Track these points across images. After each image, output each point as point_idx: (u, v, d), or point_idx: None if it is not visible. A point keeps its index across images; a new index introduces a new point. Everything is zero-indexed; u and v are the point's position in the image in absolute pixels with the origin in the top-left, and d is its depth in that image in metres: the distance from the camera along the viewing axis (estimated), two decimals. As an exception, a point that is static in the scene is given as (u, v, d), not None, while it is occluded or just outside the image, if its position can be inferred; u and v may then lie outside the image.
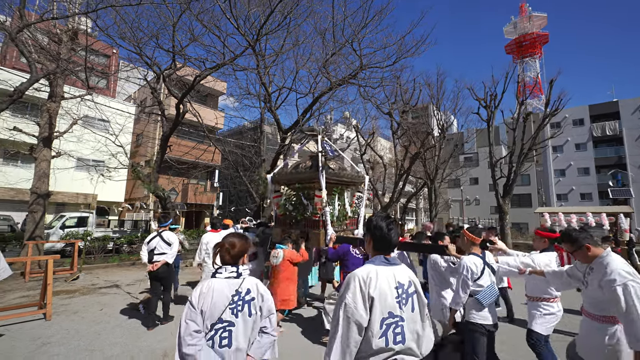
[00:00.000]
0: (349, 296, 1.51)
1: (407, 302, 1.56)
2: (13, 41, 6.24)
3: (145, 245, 4.79)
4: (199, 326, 1.69)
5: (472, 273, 2.64)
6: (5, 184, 16.33)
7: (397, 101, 14.94)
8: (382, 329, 1.47)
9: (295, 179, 5.17)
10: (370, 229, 1.71)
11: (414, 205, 43.52)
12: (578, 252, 2.34)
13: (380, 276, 1.54)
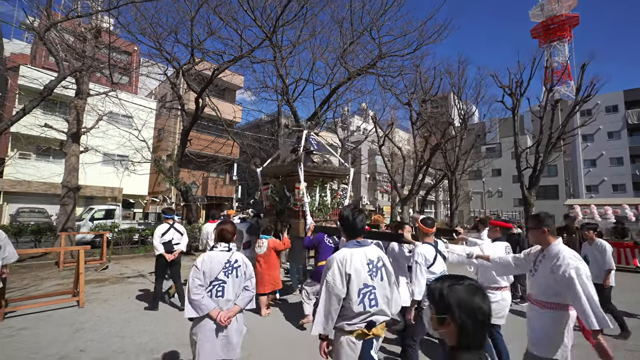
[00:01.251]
0: (329, 275, 1.93)
1: (377, 274, 1.99)
2: (42, 40, 6.47)
3: (159, 238, 5.09)
4: (201, 282, 2.36)
5: (425, 260, 2.86)
6: (39, 178, 17.23)
7: (417, 91, 14.54)
8: (359, 297, 1.91)
9: (279, 172, 5.53)
10: (340, 220, 2.11)
11: (433, 197, 42.71)
12: (536, 231, 2.41)
13: (354, 257, 1.96)
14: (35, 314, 4.71)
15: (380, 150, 16.08)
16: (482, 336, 1.08)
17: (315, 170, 5.35)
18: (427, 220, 3.06)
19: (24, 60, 23.40)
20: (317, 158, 5.62)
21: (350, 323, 1.92)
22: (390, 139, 16.93)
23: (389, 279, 2.06)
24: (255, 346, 3.65)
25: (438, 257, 2.92)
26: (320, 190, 5.39)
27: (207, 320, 2.32)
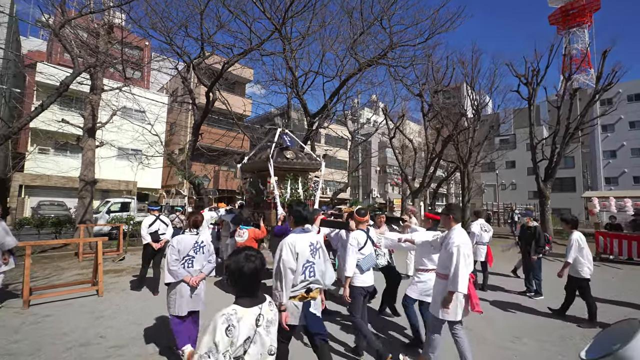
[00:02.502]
0: (284, 254, 2.49)
1: (316, 253, 2.62)
2: (57, 37, 6.59)
3: (146, 228, 5.68)
4: (177, 257, 3.17)
5: (357, 243, 3.41)
6: (57, 172, 17.78)
7: (429, 81, 14.23)
8: (303, 270, 2.54)
9: (254, 167, 6.05)
10: (291, 212, 2.73)
11: (444, 190, 42.16)
12: (445, 217, 3.12)
13: (301, 240, 2.57)
14: (58, 302, 4.92)
15: (391, 142, 15.92)
16: (252, 286, 1.57)
17: (286, 165, 5.88)
18: (361, 210, 3.62)
19: (40, 57, 23.96)
20: (290, 154, 6.13)
21: (294, 290, 2.53)
22: (401, 131, 16.72)
23: (324, 258, 2.72)
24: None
25: (368, 241, 3.50)
26: (292, 183, 5.88)
27: (182, 284, 3.15)
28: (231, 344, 1.40)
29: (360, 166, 29.60)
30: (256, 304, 1.55)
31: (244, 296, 1.55)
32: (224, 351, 1.38)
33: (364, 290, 3.38)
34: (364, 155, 36.16)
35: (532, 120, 15.66)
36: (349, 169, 20.93)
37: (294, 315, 2.52)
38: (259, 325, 1.52)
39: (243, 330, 1.44)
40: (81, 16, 7.20)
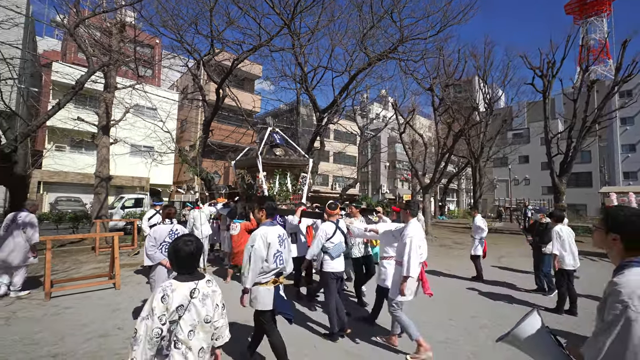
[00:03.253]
0: (256, 244, 2.75)
1: (283, 243, 2.93)
2: (72, 36, 6.74)
3: (147, 221, 6.30)
4: (154, 243, 3.74)
5: (325, 234, 3.84)
6: (74, 169, 18.26)
7: (440, 75, 13.99)
8: (273, 258, 2.81)
9: (247, 164, 6.48)
10: (265, 207, 3.02)
11: (455, 185, 41.62)
12: (404, 212, 3.62)
13: (271, 231, 2.86)
14: (77, 295, 5.10)
15: (401, 137, 15.76)
16: (188, 265, 1.84)
17: (274, 162, 6.29)
18: (332, 204, 4.04)
19: (55, 56, 24.52)
20: (279, 151, 6.59)
21: (265, 277, 2.82)
22: (411, 126, 16.53)
23: (288, 247, 3.05)
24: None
25: (337, 231, 3.90)
26: (280, 178, 6.27)
27: (160, 267, 3.73)
28: (166, 309, 1.69)
29: (370, 162, 29.44)
30: (192, 279, 1.83)
31: (182, 273, 1.85)
32: (160, 315, 1.68)
33: (334, 275, 3.77)
34: (374, 151, 35.94)
35: (547, 113, 15.27)
36: (358, 165, 20.85)
37: (265, 300, 2.80)
38: (194, 297, 1.78)
39: (176, 299, 1.72)
40: (95, 15, 7.32)
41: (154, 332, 1.66)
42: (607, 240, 1.43)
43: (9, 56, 8.17)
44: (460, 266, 7.83)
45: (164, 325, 1.68)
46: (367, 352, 3.43)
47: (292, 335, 3.52)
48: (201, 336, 1.79)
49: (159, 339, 1.67)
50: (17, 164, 7.32)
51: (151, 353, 1.66)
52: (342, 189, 20.08)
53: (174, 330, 1.72)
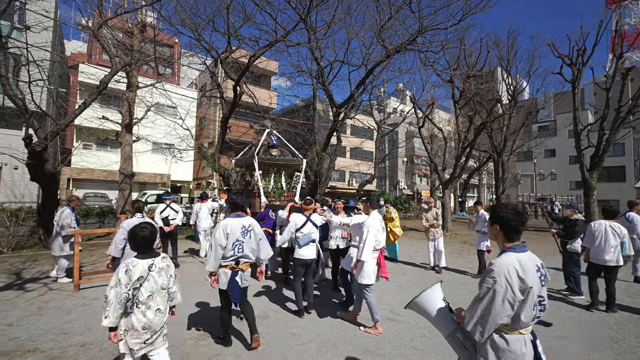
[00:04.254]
0: (217, 233, 3.18)
1: (247, 234, 3.25)
2: (96, 37, 6.94)
3: (159, 214, 6.82)
4: (125, 236, 4.10)
5: (295, 224, 4.36)
6: (99, 166, 19.03)
7: (460, 66, 13.48)
8: (232, 247, 3.19)
9: (245, 162, 7.10)
10: (230, 202, 3.45)
11: (476, 181, 40.41)
12: (365, 204, 4.10)
13: (234, 223, 3.22)
14: (104, 287, 5.28)
15: (420, 131, 15.39)
16: (144, 246, 2.35)
17: (270, 161, 6.88)
18: (308, 201, 4.55)
19: (82, 58, 25.51)
20: (275, 152, 7.19)
21: (225, 262, 3.20)
22: (430, 119, 16.11)
23: (255, 238, 3.34)
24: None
25: (308, 222, 4.39)
26: (275, 176, 6.83)
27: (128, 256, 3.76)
28: (129, 279, 2.22)
29: (388, 157, 29.01)
30: (149, 257, 2.35)
31: (140, 252, 2.36)
32: (125, 284, 2.21)
33: (301, 261, 4.27)
34: (391, 146, 35.39)
35: (577, 104, 14.45)
36: (375, 160, 20.58)
37: (223, 280, 3.21)
38: (152, 270, 2.32)
39: (137, 272, 2.25)
40: (117, 16, 7.52)
41: (122, 296, 2.20)
42: (493, 231, 1.76)
43: (39, 58, 8.56)
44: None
45: (129, 291, 2.22)
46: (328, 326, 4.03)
47: (271, 309, 4.53)
48: (158, 300, 2.35)
49: (126, 301, 2.21)
50: (47, 161, 7.68)
51: (120, 311, 2.21)
52: (359, 185, 19.91)
53: (136, 295, 2.26)
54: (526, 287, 1.55)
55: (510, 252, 1.66)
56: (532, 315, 1.60)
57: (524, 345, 1.62)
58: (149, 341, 2.31)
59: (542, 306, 1.64)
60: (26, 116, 7.22)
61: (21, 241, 8.29)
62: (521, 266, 1.59)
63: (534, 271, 1.61)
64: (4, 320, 3.92)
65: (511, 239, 1.70)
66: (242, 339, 3.55)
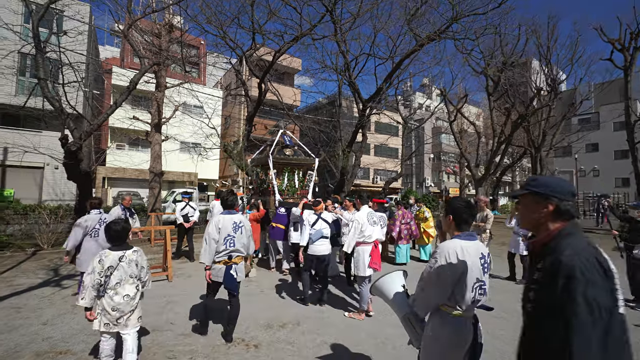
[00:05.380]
0: (210, 229, 3.35)
1: (238, 229, 3.42)
2: (125, 38, 7.00)
3: (179, 212, 7.24)
4: (84, 231, 4.28)
5: (308, 222, 4.64)
6: (131, 165, 19.76)
7: (495, 56, 12.59)
8: (224, 242, 3.34)
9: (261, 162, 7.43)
10: (221, 200, 3.73)
11: (508, 178, 38.33)
12: (357, 201, 4.67)
13: (226, 219, 3.40)
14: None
15: (451, 126, 14.64)
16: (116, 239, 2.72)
17: (284, 160, 7.15)
18: (317, 202, 4.86)
19: (115, 62, 26.66)
20: (289, 151, 7.48)
21: (218, 257, 3.36)
22: (462, 113, 15.29)
23: (246, 234, 3.54)
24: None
25: (319, 220, 4.65)
26: (289, 175, 7.06)
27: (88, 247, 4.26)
28: (102, 268, 2.57)
29: (415, 154, 28.08)
30: (121, 249, 2.69)
31: (113, 244, 2.70)
32: (99, 271, 2.56)
33: (311, 256, 4.51)
34: (417, 142, 34.29)
35: (630, 93, 13.12)
36: (401, 157, 19.92)
37: (218, 274, 3.37)
38: (122, 261, 2.65)
39: (108, 261, 2.60)
40: (145, 16, 7.58)
41: (95, 282, 2.56)
42: (446, 221, 1.88)
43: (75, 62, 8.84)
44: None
45: (101, 278, 2.58)
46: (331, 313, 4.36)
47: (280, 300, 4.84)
48: (127, 287, 2.67)
49: (99, 286, 2.57)
50: (82, 160, 7.89)
51: (94, 294, 2.58)
52: (385, 183, 19.36)
53: (107, 281, 2.60)
54: (463, 269, 1.69)
55: (456, 239, 1.79)
56: (471, 297, 1.72)
57: (463, 325, 1.75)
58: (120, 321, 2.64)
59: (483, 290, 1.78)
60: (62, 117, 7.43)
61: (60, 238, 8.63)
62: (462, 250, 1.71)
63: (475, 257, 1.75)
64: (39, 319, 3.95)
65: (460, 229, 1.83)
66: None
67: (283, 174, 7.14)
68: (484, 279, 1.77)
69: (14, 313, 4.10)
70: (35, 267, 6.59)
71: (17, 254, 7.82)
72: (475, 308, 1.81)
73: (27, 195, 15.30)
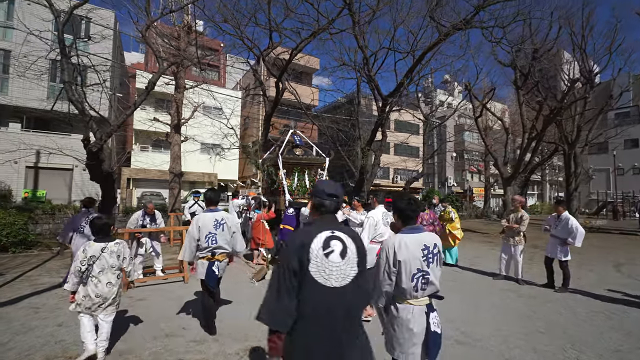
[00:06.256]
0: (191, 228, 3.46)
1: (219, 227, 3.50)
2: (143, 37, 7.03)
3: (188, 209, 7.59)
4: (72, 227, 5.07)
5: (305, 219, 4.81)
6: (154, 166, 20.28)
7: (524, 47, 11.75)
8: (205, 239, 3.43)
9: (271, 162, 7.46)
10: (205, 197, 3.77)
11: (537, 176, 36.37)
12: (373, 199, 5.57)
13: (206, 217, 3.51)
14: (151, 286, 5.25)
15: (477, 122, 13.93)
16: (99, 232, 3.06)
17: (293, 160, 7.13)
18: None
19: (140, 67, 27.57)
20: (299, 151, 7.43)
21: (202, 253, 3.42)
22: (487, 108, 14.52)
23: (229, 231, 3.54)
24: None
25: None
26: (299, 175, 7.04)
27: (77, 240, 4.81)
28: (85, 257, 2.85)
29: (437, 152, 27.17)
30: (103, 242, 2.96)
31: (97, 237, 2.99)
32: (81, 260, 2.84)
33: None
34: (439, 141, 33.23)
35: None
36: (423, 156, 19.26)
37: (201, 270, 3.43)
38: (104, 252, 2.91)
39: (90, 251, 2.87)
40: (163, 16, 7.60)
41: (76, 269, 2.83)
42: (395, 218, 2.11)
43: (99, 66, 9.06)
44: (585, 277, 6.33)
45: (84, 266, 2.83)
46: None
47: None
48: (108, 275, 2.92)
49: (80, 273, 2.82)
50: (104, 161, 8.02)
51: (76, 280, 2.84)
52: (406, 182, 18.77)
53: (90, 270, 2.84)
54: (400, 260, 1.86)
55: (399, 234, 1.97)
56: (412, 286, 1.87)
57: (411, 313, 1.89)
58: (102, 305, 2.91)
59: (426, 280, 1.90)
60: (86, 119, 7.57)
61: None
62: (400, 244, 1.88)
63: (415, 249, 1.89)
64: (56, 320, 3.92)
65: (405, 224, 1.99)
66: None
67: (293, 173, 7.17)
68: (427, 270, 1.90)
69: (32, 313, 4.10)
70: (60, 266, 6.72)
71: (43, 253, 8.07)
72: (428, 298, 1.96)
73: (58, 195, 15.99)
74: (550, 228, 5.70)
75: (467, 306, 4.59)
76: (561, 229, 5.48)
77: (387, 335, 2.01)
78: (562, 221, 5.50)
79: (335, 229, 1.56)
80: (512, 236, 5.85)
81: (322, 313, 1.44)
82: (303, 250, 1.47)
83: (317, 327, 1.43)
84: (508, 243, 5.91)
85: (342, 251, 1.52)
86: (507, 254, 5.97)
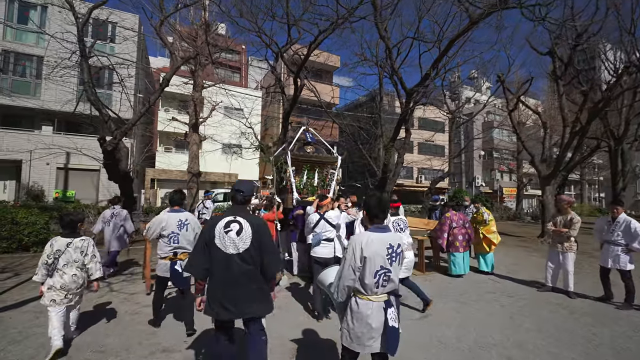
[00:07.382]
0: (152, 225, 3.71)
1: (183, 227, 3.58)
2: (157, 33, 6.85)
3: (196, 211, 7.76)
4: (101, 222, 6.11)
5: (310, 222, 4.32)
6: (176, 167, 20.61)
7: (575, 22, 10.42)
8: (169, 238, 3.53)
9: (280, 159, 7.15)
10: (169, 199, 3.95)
11: (576, 175, 33.79)
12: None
13: (170, 217, 3.59)
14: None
15: (511, 117, 12.87)
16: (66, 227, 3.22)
17: (303, 158, 6.89)
18: (322, 196, 4.47)
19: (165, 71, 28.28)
20: (310, 149, 7.19)
21: (164, 254, 3.55)
22: (522, 102, 13.40)
23: (193, 230, 3.66)
24: None
25: (322, 221, 4.24)
26: (309, 173, 6.75)
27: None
28: (51, 250, 3.05)
29: (464, 151, 25.83)
30: (69, 237, 3.15)
31: (64, 232, 3.18)
32: (48, 254, 3.04)
33: (316, 259, 4.13)
34: (466, 139, 31.69)
35: None
36: (450, 155, 18.24)
37: (164, 269, 3.49)
38: (69, 247, 3.10)
39: (56, 246, 3.07)
40: (177, 10, 7.43)
41: (44, 262, 3.02)
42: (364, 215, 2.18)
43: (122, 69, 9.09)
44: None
45: (50, 259, 3.02)
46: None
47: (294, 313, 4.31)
48: (73, 268, 3.08)
49: (47, 265, 3.01)
50: (120, 161, 7.97)
51: (44, 272, 3.02)
52: (431, 182, 17.84)
53: (56, 263, 3.03)
54: (366, 257, 1.94)
55: (367, 232, 2.07)
56: (374, 282, 1.96)
57: (370, 309, 1.97)
58: (68, 297, 3.04)
59: (387, 277, 1.99)
60: (104, 118, 7.55)
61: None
62: (366, 241, 1.98)
63: (380, 247, 1.98)
64: (55, 326, 3.68)
65: (373, 222, 2.09)
66: None
67: (302, 171, 6.89)
68: (389, 267, 1.98)
69: (34, 319, 3.89)
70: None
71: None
72: (386, 294, 2.02)
73: (86, 196, 16.53)
74: (605, 233, 4.88)
75: (509, 323, 3.92)
76: (622, 234, 4.65)
77: (345, 328, 2.06)
78: (620, 224, 4.68)
79: (238, 215, 2.32)
80: (561, 242, 5.06)
81: (222, 268, 2.22)
82: (213, 228, 2.26)
83: (219, 277, 2.23)
84: (556, 250, 5.13)
85: (238, 230, 2.25)
86: (554, 263, 5.19)
